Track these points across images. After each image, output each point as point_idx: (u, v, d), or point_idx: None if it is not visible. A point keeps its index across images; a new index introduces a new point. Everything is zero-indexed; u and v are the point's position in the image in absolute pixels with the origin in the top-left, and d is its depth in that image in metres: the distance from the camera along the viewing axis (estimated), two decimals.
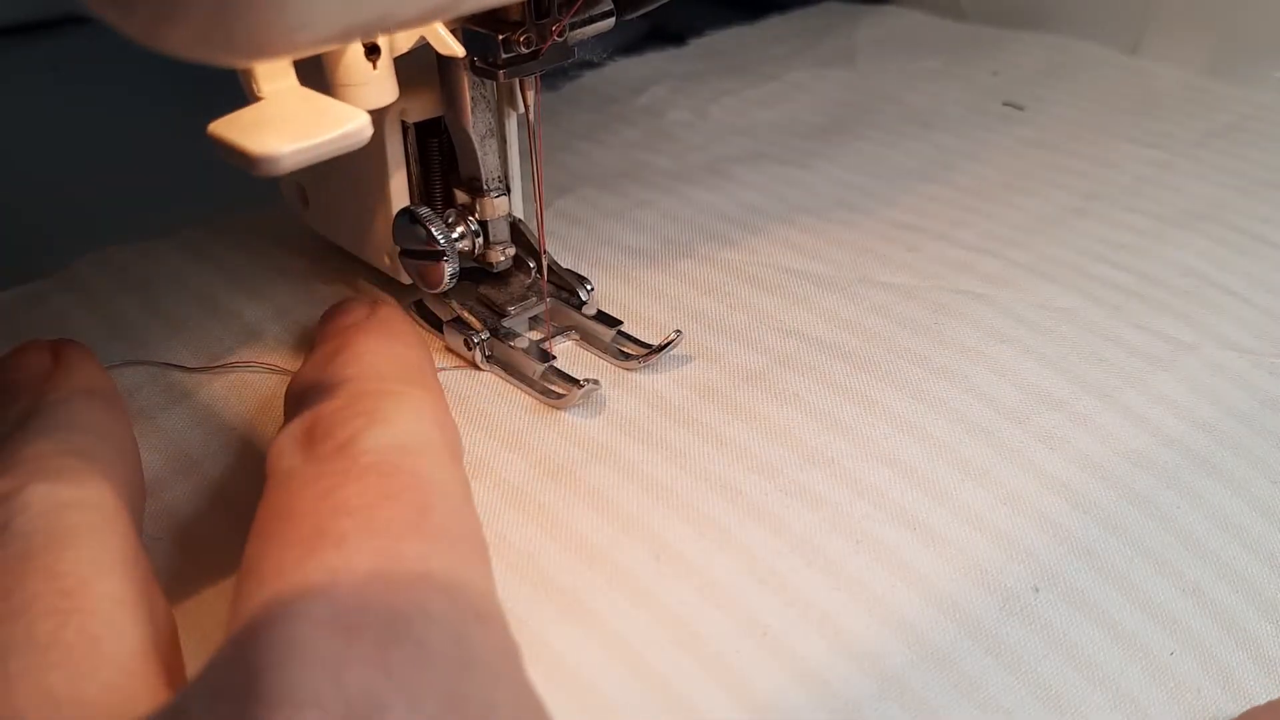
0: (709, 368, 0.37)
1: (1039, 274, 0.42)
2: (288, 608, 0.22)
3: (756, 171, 0.49)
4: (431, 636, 0.22)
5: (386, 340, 0.32)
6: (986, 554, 0.31)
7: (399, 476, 0.26)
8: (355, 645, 0.22)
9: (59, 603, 0.24)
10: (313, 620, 0.22)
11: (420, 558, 0.24)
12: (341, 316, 0.34)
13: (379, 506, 0.25)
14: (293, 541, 0.25)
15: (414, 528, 0.25)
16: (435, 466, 0.27)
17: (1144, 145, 0.52)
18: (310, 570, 0.24)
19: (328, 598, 0.23)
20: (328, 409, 0.28)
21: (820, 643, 0.28)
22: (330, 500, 0.25)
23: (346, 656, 0.21)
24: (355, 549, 0.24)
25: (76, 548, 0.25)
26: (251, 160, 0.27)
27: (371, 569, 0.24)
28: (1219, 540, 0.32)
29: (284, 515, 0.26)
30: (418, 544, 0.25)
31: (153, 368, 0.37)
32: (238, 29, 0.21)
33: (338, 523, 0.25)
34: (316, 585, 0.23)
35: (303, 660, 0.21)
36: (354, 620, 0.22)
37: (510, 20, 0.33)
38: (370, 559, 0.24)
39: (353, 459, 0.27)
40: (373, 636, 0.22)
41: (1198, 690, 0.29)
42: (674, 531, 0.31)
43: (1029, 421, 0.35)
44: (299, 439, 0.28)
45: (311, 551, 0.24)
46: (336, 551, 0.24)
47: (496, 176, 0.37)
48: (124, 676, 0.24)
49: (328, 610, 0.22)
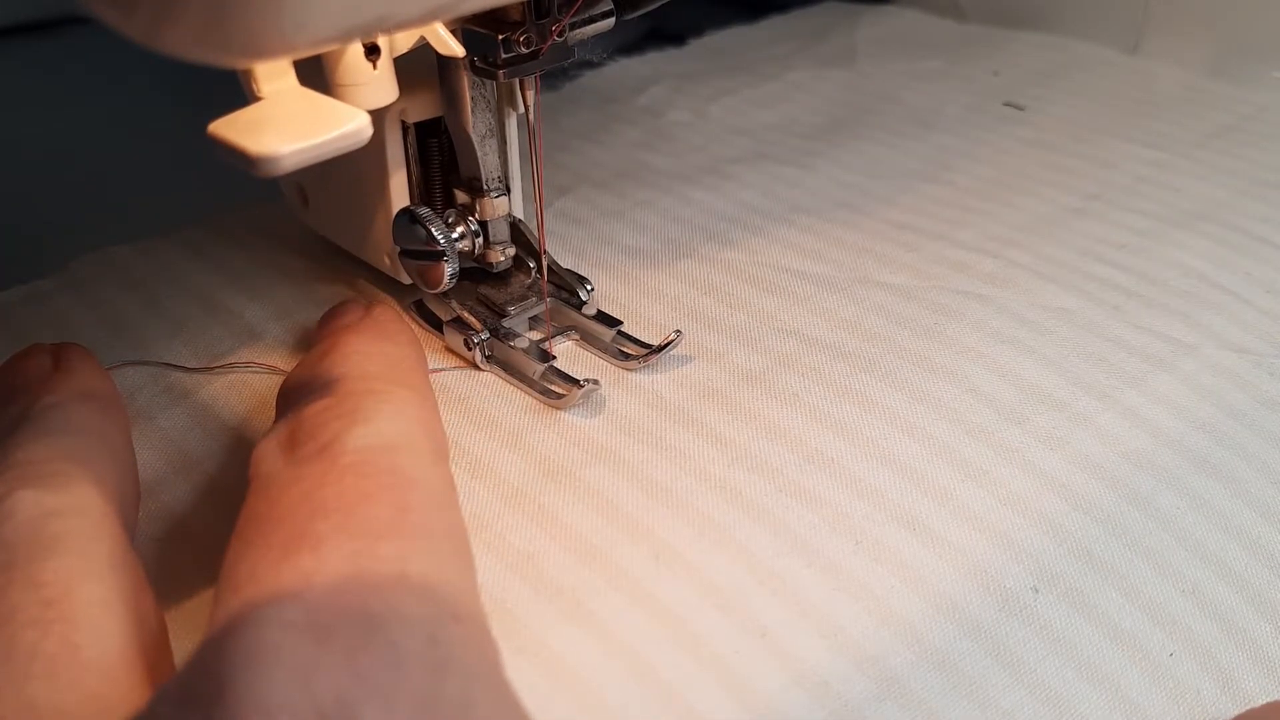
0: (709, 368, 0.37)
1: (1039, 274, 0.42)
2: (258, 612, 0.22)
3: (756, 171, 0.49)
4: (405, 638, 0.22)
5: (377, 340, 0.32)
6: (986, 554, 0.31)
7: (378, 476, 0.26)
8: (326, 649, 0.21)
9: (41, 613, 0.24)
10: (283, 624, 0.22)
11: (397, 558, 0.24)
12: (337, 318, 0.34)
13: (357, 507, 0.25)
14: (270, 545, 0.25)
15: (392, 528, 0.25)
16: (416, 465, 0.27)
17: (1144, 145, 0.52)
18: (284, 574, 0.23)
19: (300, 601, 0.23)
20: (311, 411, 0.28)
21: (820, 643, 0.28)
22: (309, 503, 0.25)
23: (317, 661, 0.21)
24: (330, 551, 0.24)
25: (61, 555, 0.25)
26: (251, 160, 0.27)
27: (346, 571, 0.24)
28: (1218, 541, 0.32)
29: (263, 519, 0.26)
30: (395, 544, 0.25)
31: (153, 368, 0.37)
32: (236, 29, 0.21)
33: (314, 525, 0.25)
34: (289, 589, 0.23)
35: (272, 665, 0.21)
36: (326, 623, 0.22)
37: (510, 20, 0.33)
38: (345, 561, 0.24)
39: (332, 460, 0.26)
40: (344, 640, 0.22)
41: (1197, 691, 0.29)
42: (674, 532, 0.31)
43: (1029, 422, 0.35)
44: (282, 442, 0.28)
45: (287, 555, 0.24)
46: (312, 554, 0.24)
47: (496, 176, 0.37)
48: (107, 684, 0.24)
49: (299, 614, 0.22)
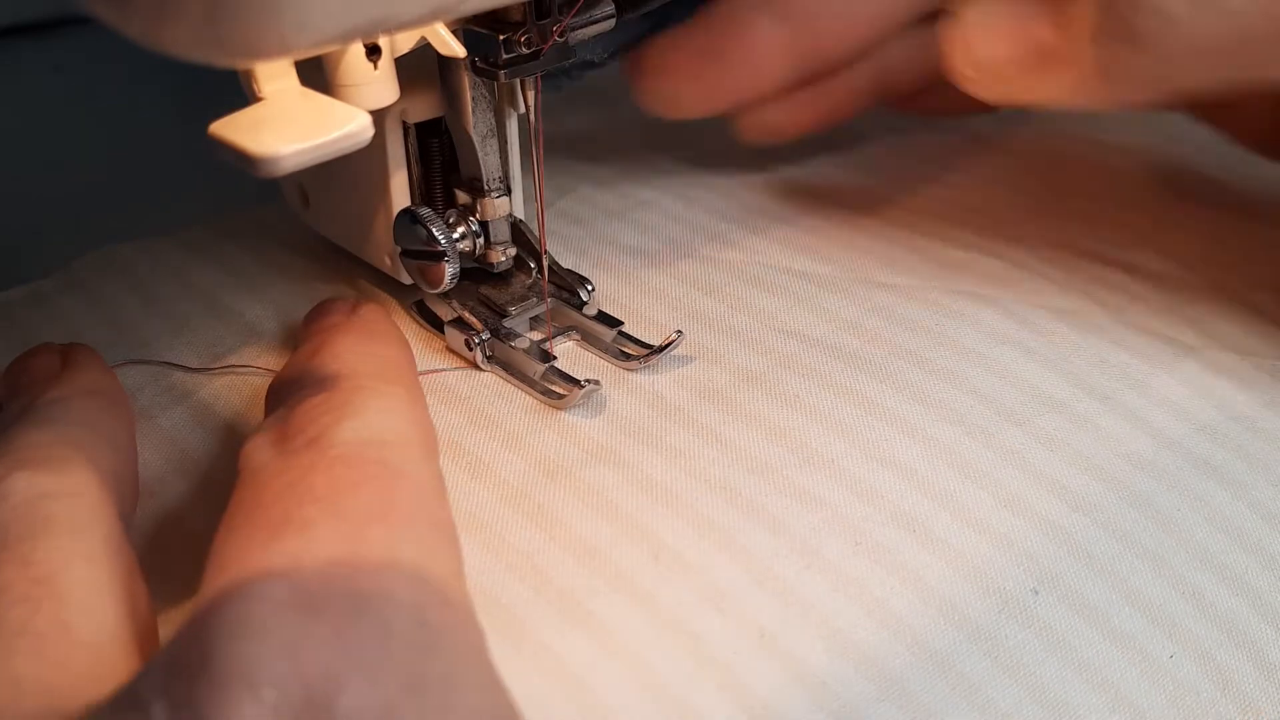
0: (710, 368, 0.37)
1: (1040, 275, 0.42)
2: (246, 588, 0.22)
3: (757, 171, 0.49)
4: (394, 618, 0.22)
5: (365, 340, 0.32)
6: (986, 556, 0.31)
7: (368, 467, 0.26)
8: (314, 625, 0.22)
9: (31, 590, 0.24)
10: (272, 600, 0.22)
11: (386, 543, 0.24)
12: (323, 316, 0.34)
13: (346, 494, 0.25)
14: (258, 527, 0.25)
15: (381, 515, 0.25)
16: (405, 459, 0.27)
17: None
18: (273, 554, 0.24)
19: (288, 579, 0.23)
20: (301, 408, 0.28)
21: (819, 644, 0.28)
22: (297, 490, 0.25)
23: (305, 635, 0.21)
24: (319, 534, 0.24)
25: (53, 536, 0.25)
26: (252, 161, 0.27)
27: (335, 553, 0.24)
28: (1219, 543, 0.32)
29: (251, 505, 0.26)
30: (384, 531, 0.25)
31: (154, 367, 0.37)
32: (234, 30, 0.21)
33: (303, 510, 0.25)
34: (278, 567, 0.23)
35: (259, 639, 0.21)
36: (314, 600, 0.22)
37: (511, 21, 0.33)
38: (334, 543, 0.24)
39: (321, 451, 0.27)
40: (333, 616, 0.22)
41: (1197, 693, 0.29)
42: (674, 532, 0.31)
43: (1029, 423, 0.35)
44: (272, 437, 0.28)
45: (275, 537, 0.24)
46: (300, 536, 0.24)
47: (497, 177, 0.37)
48: (96, 663, 0.24)
49: (287, 591, 0.22)
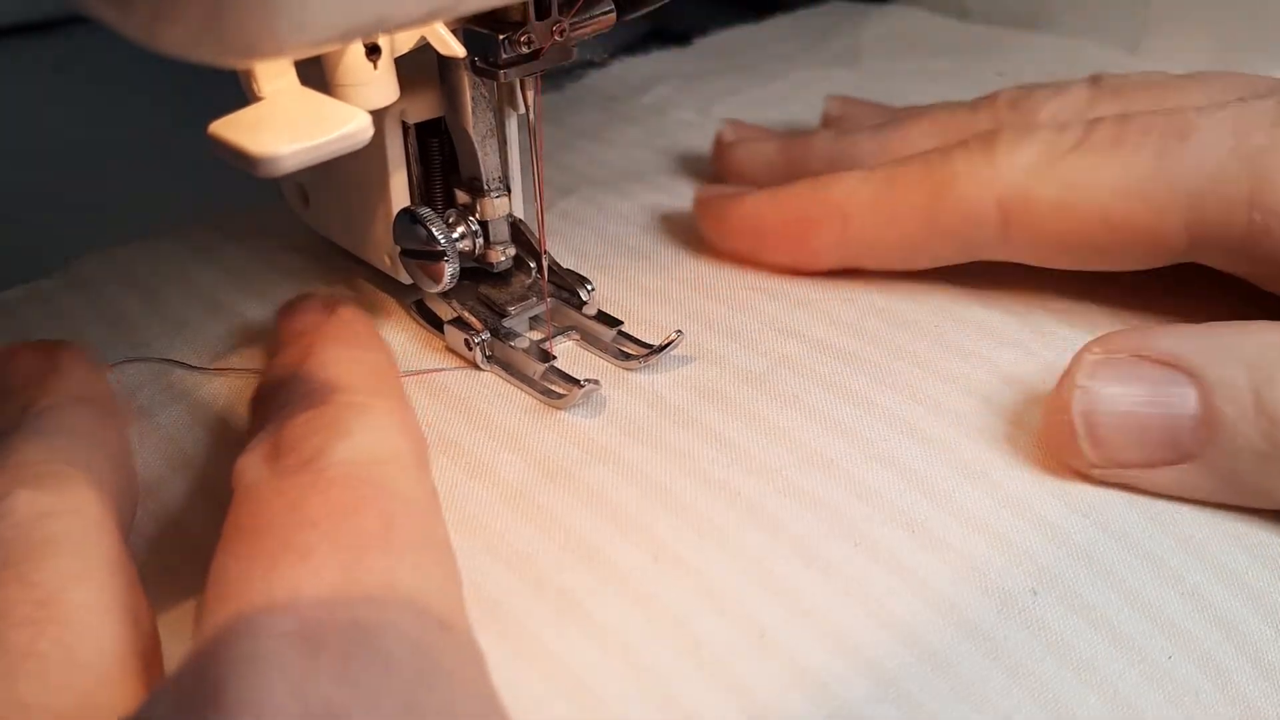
0: (709, 368, 0.37)
1: (1041, 275, 0.42)
2: (252, 621, 0.23)
3: None
4: (394, 648, 0.23)
5: (349, 347, 0.32)
6: (985, 556, 0.31)
7: (364, 489, 0.27)
8: (318, 658, 0.22)
9: (34, 612, 0.24)
10: (277, 634, 0.22)
11: (385, 570, 0.25)
12: (300, 316, 0.34)
13: (344, 519, 0.26)
14: (258, 554, 0.25)
15: (379, 541, 0.25)
16: (401, 478, 0.28)
17: None
18: (275, 584, 0.24)
19: (292, 611, 0.23)
20: (292, 423, 0.29)
21: (818, 645, 0.28)
22: (295, 514, 0.26)
23: (309, 669, 0.22)
24: (320, 563, 0.24)
25: (55, 556, 0.25)
26: (252, 161, 0.27)
27: (336, 583, 0.24)
28: (1219, 543, 0.32)
29: (250, 529, 0.26)
30: (382, 557, 0.25)
31: (154, 367, 0.37)
32: (234, 29, 0.21)
33: (303, 536, 0.25)
34: (281, 599, 0.23)
35: (265, 672, 0.21)
36: (318, 633, 0.22)
37: (511, 20, 0.33)
38: (335, 573, 0.24)
39: (318, 472, 0.27)
40: (336, 649, 0.22)
41: (1196, 694, 0.29)
42: (673, 533, 0.31)
43: (1030, 424, 0.35)
44: (265, 453, 0.28)
45: (276, 565, 0.24)
46: (302, 565, 0.24)
47: (497, 177, 0.37)
48: (100, 686, 0.24)
49: (292, 624, 0.23)
